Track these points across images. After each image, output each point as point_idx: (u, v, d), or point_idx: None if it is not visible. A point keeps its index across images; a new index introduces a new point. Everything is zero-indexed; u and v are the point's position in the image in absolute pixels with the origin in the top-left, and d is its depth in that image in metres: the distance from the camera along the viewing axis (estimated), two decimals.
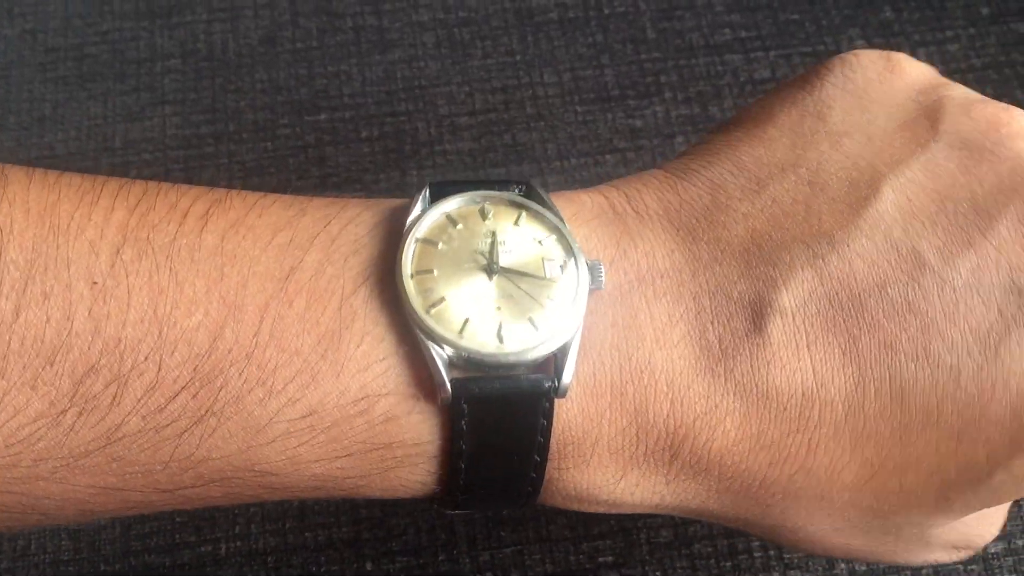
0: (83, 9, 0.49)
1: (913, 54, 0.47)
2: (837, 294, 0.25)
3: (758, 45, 0.47)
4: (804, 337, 0.25)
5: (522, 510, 0.38)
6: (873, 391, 0.25)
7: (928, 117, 0.27)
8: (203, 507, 0.26)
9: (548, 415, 0.24)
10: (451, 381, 0.23)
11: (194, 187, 0.25)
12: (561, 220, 0.25)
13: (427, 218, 0.25)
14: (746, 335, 0.25)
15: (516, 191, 0.26)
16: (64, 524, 0.34)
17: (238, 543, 0.37)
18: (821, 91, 0.28)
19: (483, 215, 0.25)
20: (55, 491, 0.23)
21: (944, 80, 0.29)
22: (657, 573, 0.37)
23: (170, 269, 0.23)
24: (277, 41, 0.48)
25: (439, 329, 0.23)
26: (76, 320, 0.22)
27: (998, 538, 0.37)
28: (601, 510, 0.27)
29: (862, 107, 0.27)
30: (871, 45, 0.47)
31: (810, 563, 0.37)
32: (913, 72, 0.28)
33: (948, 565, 0.37)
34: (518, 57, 0.47)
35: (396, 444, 0.24)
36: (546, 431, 0.24)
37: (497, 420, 0.24)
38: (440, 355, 0.23)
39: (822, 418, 0.25)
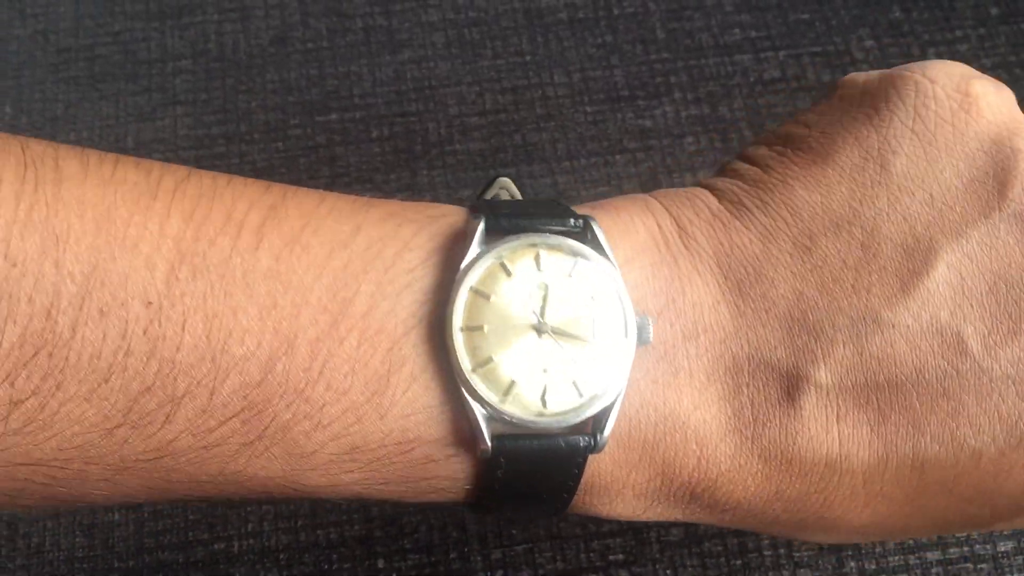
0: (94, 10, 0.49)
1: (923, 55, 0.47)
2: (876, 374, 0.25)
3: (768, 45, 0.47)
4: (835, 411, 0.25)
5: None
6: (895, 465, 0.25)
7: (997, 178, 0.26)
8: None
9: (581, 468, 0.25)
10: (491, 438, 0.24)
11: (250, 186, 0.25)
12: (616, 269, 0.25)
13: (480, 265, 0.24)
14: (778, 403, 0.25)
15: (574, 225, 0.25)
16: (110, 506, 0.35)
17: (251, 541, 0.38)
18: (888, 129, 0.26)
19: (537, 262, 0.25)
20: (104, 488, 0.24)
21: (1023, 126, 0.27)
22: (668, 571, 0.37)
23: (224, 292, 0.23)
24: (288, 41, 0.48)
25: (484, 391, 0.24)
26: (132, 340, 0.22)
27: (1008, 537, 0.37)
28: (622, 520, 0.29)
29: (929, 156, 0.26)
30: (880, 46, 0.47)
31: (820, 562, 0.37)
32: (989, 115, 0.26)
33: (959, 563, 0.37)
34: (528, 57, 0.47)
35: (432, 478, 0.25)
36: (577, 478, 0.25)
37: (531, 473, 0.25)
38: (483, 413, 0.24)
39: (841, 483, 0.26)
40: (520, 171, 0.45)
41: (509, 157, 0.45)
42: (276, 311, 0.23)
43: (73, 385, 0.22)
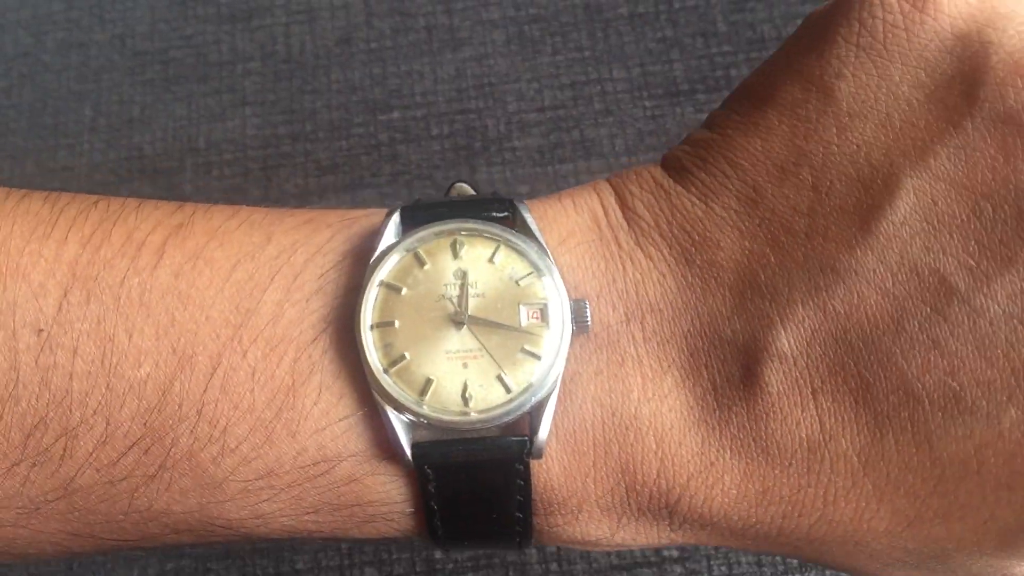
0: (168, 14, 0.51)
1: None
2: (846, 332, 0.21)
3: None
4: (808, 384, 0.21)
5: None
6: (894, 442, 0.21)
7: (965, 79, 0.21)
8: (179, 549, 0.25)
9: (524, 476, 0.22)
10: (412, 447, 0.22)
11: (160, 207, 0.24)
12: (545, 252, 0.23)
13: (391, 258, 0.23)
14: (741, 382, 0.22)
15: (498, 210, 0.23)
16: (49, 560, 0.34)
17: None
18: (830, 51, 0.23)
19: (455, 250, 0.23)
20: (23, 535, 0.23)
21: (995, 14, 0.22)
22: (722, 568, 0.37)
23: (119, 314, 0.22)
24: (352, 42, 0.49)
25: (397, 393, 0.21)
26: (22, 371, 0.21)
27: None
28: (609, 550, 0.25)
29: (881, 71, 0.22)
30: None
31: None
32: (950, 8, 0.22)
33: None
34: (587, 53, 0.47)
35: (365, 504, 0.23)
36: (524, 490, 0.22)
37: (467, 484, 0.22)
38: (400, 419, 0.22)
39: (835, 470, 0.22)
40: (578, 167, 0.45)
41: (567, 153, 0.45)
42: (174, 329, 0.22)
43: None
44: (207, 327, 0.22)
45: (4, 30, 0.50)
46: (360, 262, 0.23)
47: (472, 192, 0.25)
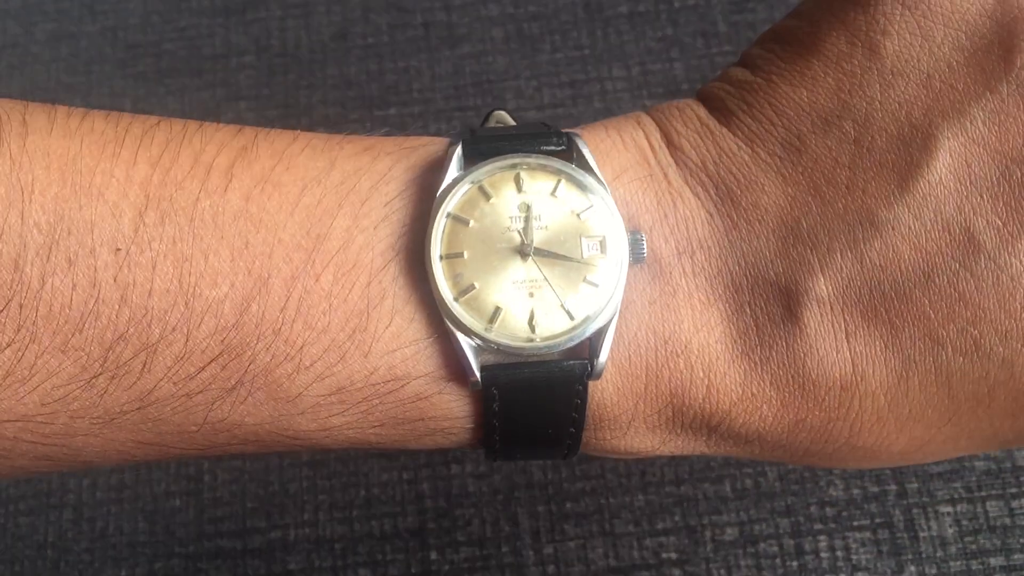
0: (161, 6, 0.50)
1: None
2: (880, 282, 0.23)
3: None
4: (843, 327, 0.23)
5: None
6: (918, 382, 0.23)
7: (1003, 44, 0.23)
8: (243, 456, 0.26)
9: (582, 396, 0.23)
10: (481, 369, 0.23)
11: (221, 130, 0.24)
12: (603, 185, 0.24)
13: (459, 191, 0.24)
14: (782, 322, 0.23)
15: (556, 143, 0.24)
16: (111, 467, 0.34)
17: (306, 530, 0.38)
18: (877, 7, 0.24)
19: (518, 184, 0.24)
20: (95, 443, 0.23)
21: None
22: (721, 571, 0.37)
23: (194, 235, 0.22)
24: (348, 36, 0.48)
25: (468, 320, 0.23)
26: (102, 288, 0.22)
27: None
28: (646, 457, 0.27)
29: (924, 31, 0.24)
30: None
31: (878, 565, 0.36)
32: None
33: None
34: (587, 51, 0.47)
35: (428, 419, 0.24)
36: (580, 409, 0.24)
37: (529, 403, 0.24)
38: (469, 343, 0.23)
39: (863, 407, 0.24)
40: None
41: None
42: (248, 251, 0.22)
43: (47, 336, 0.22)
44: (280, 251, 0.23)
45: None
46: (424, 192, 0.24)
47: (511, 121, 0.26)
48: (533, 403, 0.24)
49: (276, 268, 0.22)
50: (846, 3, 0.25)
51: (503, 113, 0.26)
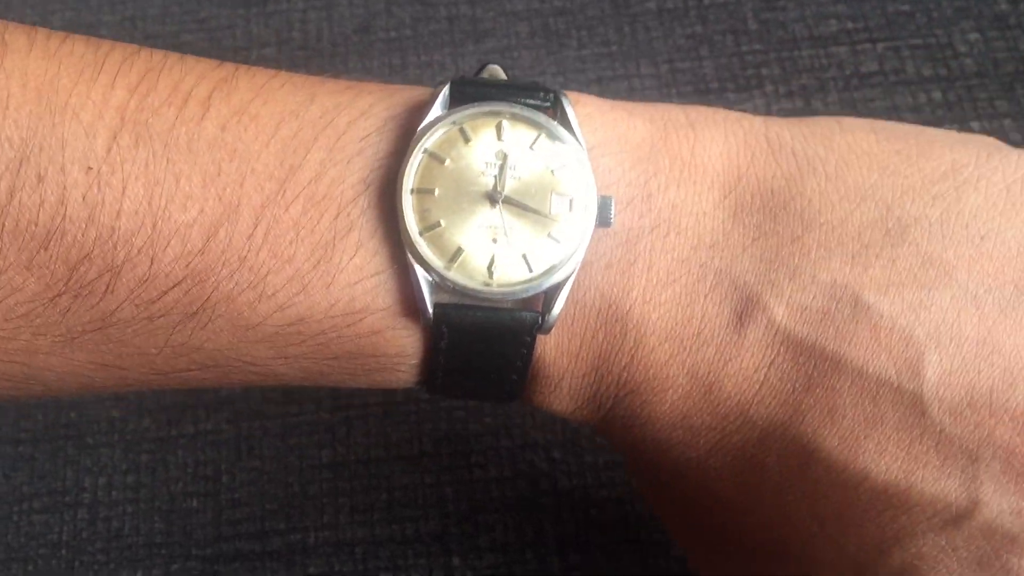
0: None
1: None
2: (826, 341, 0.23)
3: (865, 37, 0.46)
4: (772, 355, 0.24)
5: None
6: (791, 436, 0.24)
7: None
8: (197, 388, 0.26)
9: (529, 347, 0.24)
10: (434, 306, 0.23)
11: (202, 62, 0.24)
12: (582, 148, 0.24)
13: (438, 129, 0.24)
14: (727, 325, 0.24)
15: (544, 100, 0.24)
16: (66, 397, 0.34)
17: (327, 533, 0.37)
18: (985, 165, 0.25)
19: (499, 132, 0.24)
20: (55, 364, 0.23)
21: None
22: None
23: (167, 159, 0.22)
24: (371, 30, 0.48)
25: (429, 256, 0.23)
26: (70, 205, 0.22)
27: None
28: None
29: (1005, 212, 0.24)
30: (985, 39, 0.45)
31: None
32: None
33: None
34: (614, 48, 0.46)
35: (380, 355, 0.24)
36: (526, 359, 0.24)
37: (476, 347, 0.24)
38: (427, 279, 0.23)
39: (739, 431, 0.24)
40: None
41: None
42: (220, 178, 0.22)
43: (12, 252, 0.22)
44: (252, 179, 0.23)
45: (10, 9, 0.49)
46: (403, 130, 0.24)
47: (503, 75, 0.26)
48: (480, 347, 0.24)
49: (247, 196, 0.23)
50: (965, 145, 0.26)
51: (496, 67, 0.26)
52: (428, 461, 0.38)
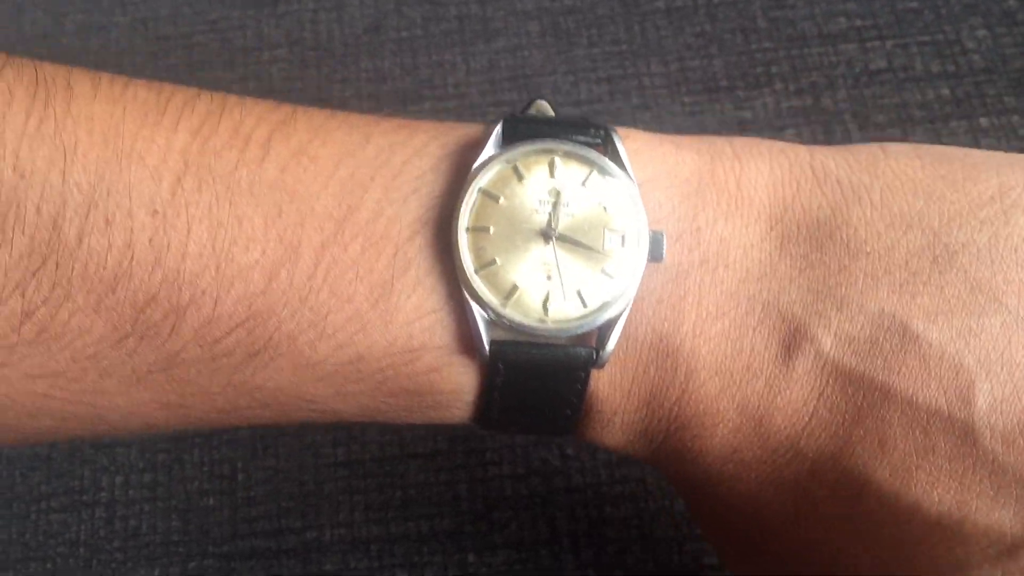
0: None
1: None
2: (875, 372, 0.23)
3: (874, 34, 0.46)
4: (821, 387, 0.24)
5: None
6: (842, 469, 0.24)
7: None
8: (257, 426, 0.26)
9: (583, 383, 0.24)
10: (490, 344, 0.23)
11: (260, 103, 0.25)
12: (632, 182, 0.24)
13: (492, 167, 0.24)
14: (775, 358, 0.24)
15: (595, 137, 0.25)
16: (129, 435, 0.34)
17: (342, 530, 0.38)
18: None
19: (551, 168, 0.24)
20: (121, 404, 0.24)
21: None
22: None
23: (230, 202, 0.23)
24: (382, 30, 0.48)
25: (485, 293, 0.23)
26: (137, 249, 0.22)
27: None
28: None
29: None
30: (994, 36, 0.45)
31: None
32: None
33: None
34: (624, 46, 0.46)
35: (437, 392, 0.24)
36: (580, 395, 0.24)
37: (532, 383, 0.24)
38: (483, 316, 0.23)
39: (790, 465, 0.24)
40: None
41: None
42: (281, 219, 0.23)
43: (81, 295, 0.22)
44: (312, 220, 0.23)
45: (22, 12, 0.49)
46: (457, 168, 0.24)
47: (551, 111, 0.26)
48: (536, 383, 0.24)
49: (307, 236, 0.23)
50: (1013, 165, 0.25)
51: (544, 103, 0.27)
52: (442, 459, 0.39)
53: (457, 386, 0.24)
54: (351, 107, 0.46)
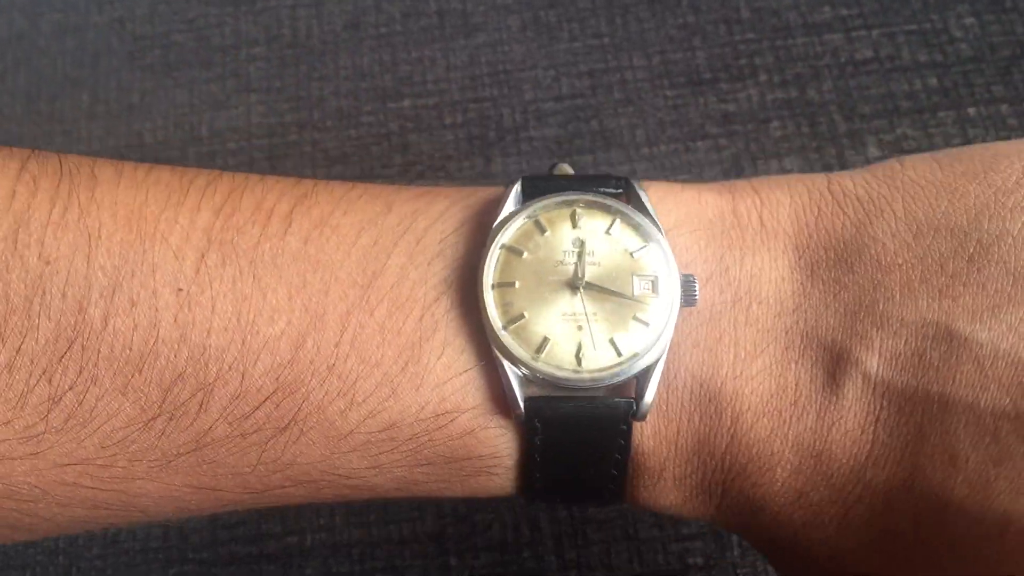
0: None
1: None
2: (929, 383, 0.22)
3: (860, 23, 0.45)
4: (876, 411, 0.22)
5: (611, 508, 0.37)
6: (918, 494, 0.22)
7: None
8: (294, 505, 0.26)
9: (626, 436, 0.23)
10: (525, 400, 0.23)
11: (281, 180, 0.25)
12: (658, 229, 0.24)
13: (514, 223, 0.24)
14: (822, 387, 0.23)
15: (616, 188, 0.25)
16: (164, 520, 0.34)
17: (323, 535, 0.37)
18: None
19: (574, 220, 0.24)
20: (151, 489, 0.23)
21: None
22: None
23: (253, 276, 0.23)
24: (361, 26, 0.47)
25: (515, 349, 0.23)
26: (162, 328, 0.22)
27: None
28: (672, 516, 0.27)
29: None
30: (981, 23, 0.45)
31: None
32: None
33: None
34: (606, 40, 0.46)
35: (475, 457, 0.24)
36: (624, 449, 0.23)
37: (572, 439, 0.23)
38: (515, 373, 0.23)
39: (861, 499, 0.23)
40: (597, 158, 0.43)
41: (586, 143, 0.43)
42: (305, 289, 0.23)
43: (108, 377, 0.22)
44: (336, 287, 0.23)
45: (0, 11, 0.49)
46: (479, 228, 0.24)
47: (570, 171, 0.26)
48: (576, 438, 0.23)
49: (332, 304, 0.23)
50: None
51: (565, 165, 0.27)
52: None
53: (494, 449, 0.24)
54: (330, 105, 0.45)
